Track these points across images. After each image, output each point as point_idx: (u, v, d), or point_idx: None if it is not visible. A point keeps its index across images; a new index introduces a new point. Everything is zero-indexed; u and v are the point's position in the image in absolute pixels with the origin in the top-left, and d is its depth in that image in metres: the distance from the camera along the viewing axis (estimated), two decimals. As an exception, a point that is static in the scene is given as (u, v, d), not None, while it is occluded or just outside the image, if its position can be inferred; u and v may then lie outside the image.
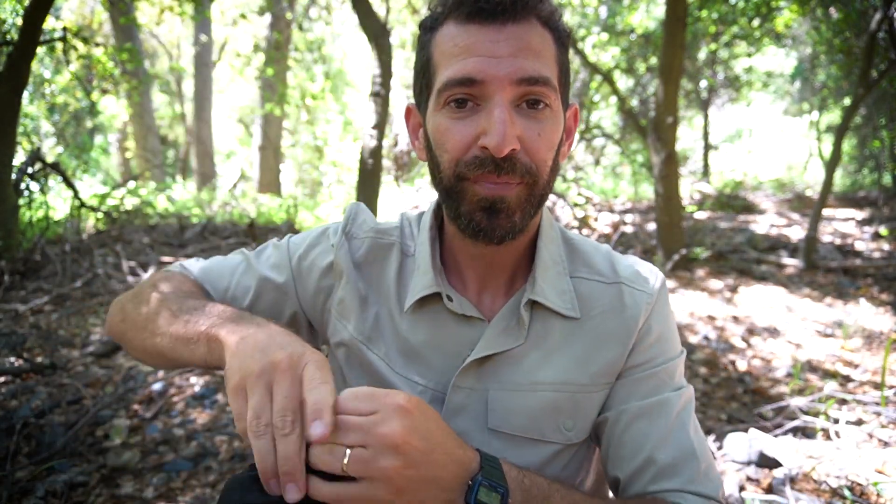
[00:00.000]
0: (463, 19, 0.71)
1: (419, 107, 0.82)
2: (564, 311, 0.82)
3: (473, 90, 0.71)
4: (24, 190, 5.27)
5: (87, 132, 15.33)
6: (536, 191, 0.75)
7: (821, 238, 6.67)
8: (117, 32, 11.11)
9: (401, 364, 0.84)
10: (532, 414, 0.80)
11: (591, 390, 0.82)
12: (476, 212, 0.74)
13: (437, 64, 0.74)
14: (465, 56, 0.70)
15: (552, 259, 0.85)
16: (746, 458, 2.34)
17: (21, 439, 2.28)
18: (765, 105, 19.44)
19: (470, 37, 0.71)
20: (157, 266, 4.95)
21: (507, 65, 0.69)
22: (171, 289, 0.87)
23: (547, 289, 0.82)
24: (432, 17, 0.77)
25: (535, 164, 0.73)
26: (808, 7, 6.67)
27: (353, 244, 0.90)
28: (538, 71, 0.71)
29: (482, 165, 0.71)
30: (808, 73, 12.30)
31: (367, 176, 4.71)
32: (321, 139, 13.91)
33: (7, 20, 5.67)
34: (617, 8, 9.57)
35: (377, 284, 0.88)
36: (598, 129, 9.53)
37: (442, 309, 0.82)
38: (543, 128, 0.73)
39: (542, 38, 0.73)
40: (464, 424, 0.80)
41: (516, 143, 0.70)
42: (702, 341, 3.88)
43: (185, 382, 2.99)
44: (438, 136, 0.75)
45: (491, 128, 0.69)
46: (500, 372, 0.81)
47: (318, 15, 11.14)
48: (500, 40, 0.70)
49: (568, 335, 0.83)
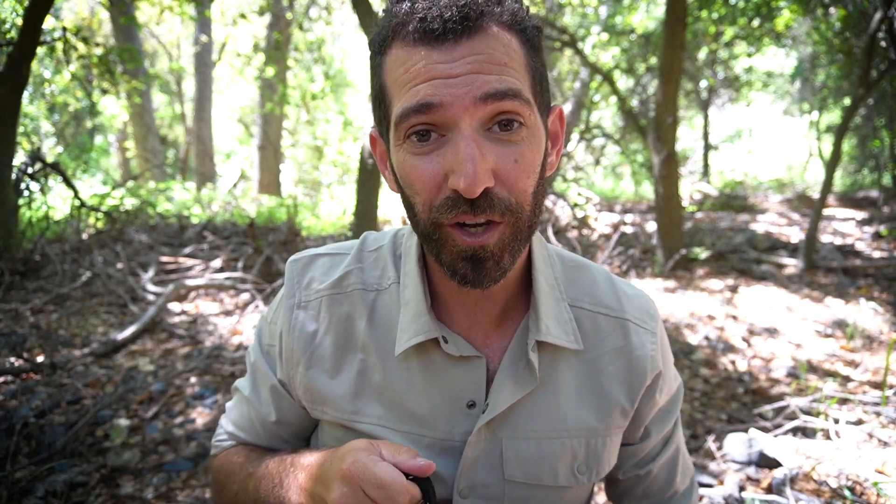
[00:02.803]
0: (411, 42, 0.62)
1: (382, 136, 0.73)
2: (568, 345, 0.78)
3: (434, 117, 0.61)
4: (24, 190, 5.27)
5: (87, 132, 15.34)
6: (521, 226, 0.66)
7: (821, 238, 6.67)
8: (117, 32, 11.11)
9: (399, 419, 0.77)
10: (547, 462, 0.78)
11: (603, 434, 0.80)
12: (458, 262, 0.66)
13: (390, 93, 0.66)
14: (419, 81, 0.61)
15: (548, 284, 0.80)
16: (746, 458, 2.34)
17: (21, 439, 2.28)
18: (765, 105, 19.43)
19: (421, 59, 0.61)
20: (156, 266, 4.95)
21: (467, 82, 0.60)
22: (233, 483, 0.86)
23: (550, 324, 0.77)
24: (379, 38, 0.67)
25: (514, 198, 0.64)
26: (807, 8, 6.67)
27: (305, 315, 0.80)
28: (505, 84, 0.61)
29: (455, 206, 0.62)
30: (808, 73, 12.29)
31: (367, 176, 4.70)
32: (321, 139, 13.90)
33: (7, 20, 5.67)
34: (617, 8, 9.57)
35: (346, 345, 0.79)
36: (598, 129, 9.53)
37: (436, 351, 0.76)
38: (521, 152, 0.64)
39: (506, 47, 0.63)
40: (482, 476, 0.77)
41: (490, 180, 0.61)
42: (702, 341, 3.88)
43: (185, 382, 2.99)
44: (405, 175, 0.66)
45: (458, 166, 0.60)
46: (513, 421, 0.77)
47: (318, 15, 11.13)
48: (457, 59, 0.60)
49: (577, 373, 0.79)
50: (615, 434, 0.82)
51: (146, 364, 3.22)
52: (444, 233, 0.66)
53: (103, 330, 3.73)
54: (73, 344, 3.45)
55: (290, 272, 0.84)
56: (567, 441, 0.78)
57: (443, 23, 0.60)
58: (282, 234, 5.93)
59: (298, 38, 10.81)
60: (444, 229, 0.66)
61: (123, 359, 3.29)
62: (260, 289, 4.44)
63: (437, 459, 0.75)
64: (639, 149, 10.20)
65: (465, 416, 0.76)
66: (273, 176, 12.39)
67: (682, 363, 3.50)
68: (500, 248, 0.65)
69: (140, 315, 3.89)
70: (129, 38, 10.46)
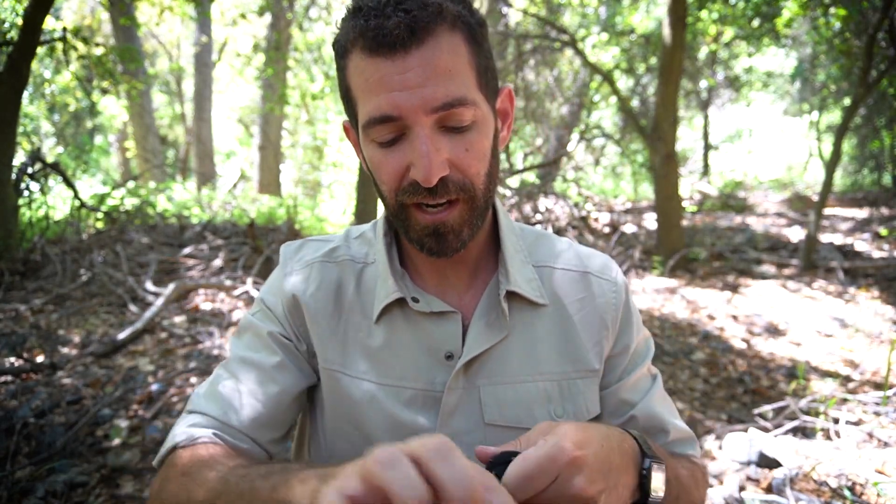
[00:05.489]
0: (367, 53, 0.70)
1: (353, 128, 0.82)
2: (535, 299, 0.85)
3: (394, 126, 0.72)
4: (24, 190, 5.27)
5: (87, 132, 15.35)
6: (477, 203, 0.77)
7: (821, 238, 6.67)
8: (117, 32, 11.11)
9: (383, 374, 0.84)
10: (524, 404, 0.83)
11: (573, 377, 0.85)
12: (424, 237, 0.77)
13: (355, 95, 0.75)
14: (378, 92, 0.70)
15: (514, 248, 0.88)
16: (746, 458, 2.34)
17: (21, 439, 2.28)
18: (765, 105, 19.44)
19: (378, 71, 0.70)
20: (156, 266, 4.95)
21: (419, 96, 0.69)
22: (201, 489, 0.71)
23: (519, 279, 0.85)
24: (339, 45, 0.75)
25: (468, 180, 0.75)
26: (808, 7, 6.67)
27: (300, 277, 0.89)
28: (451, 94, 0.70)
29: (416, 192, 0.73)
30: (808, 73, 12.30)
31: (366, 176, 4.71)
32: (321, 139, 13.90)
33: (7, 20, 5.67)
34: (617, 8, 9.57)
35: (337, 305, 0.87)
36: (598, 129, 9.54)
37: (411, 311, 0.83)
38: (471, 141, 0.74)
39: (451, 50, 0.70)
40: (462, 423, 0.81)
41: (444, 170, 0.72)
42: (702, 341, 3.88)
43: (185, 382, 2.99)
44: (374, 166, 0.77)
45: (416, 161, 0.71)
46: (487, 367, 0.83)
47: (318, 15, 11.14)
48: (409, 69, 0.69)
49: (546, 323, 0.86)
50: (589, 378, 0.86)
51: (146, 364, 3.23)
52: (408, 212, 0.77)
53: (103, 330, 3.73)
54: (73, 344, 3.46)
55: (284, 254, 0.93)
56: (541, 384, 0.84)
57: (392, 38, 0.68)
58: (282, 234, 5.94)
59: (298, 38, 10.81)
60: (409, 209, 0.76)
61: (123, 359, 3.29)
62: (260, 289, 4.44)
63: (419, 411, 0.81)
64: (639, 149, 10.20)
65: (444, 367, 0.82)
66: (273, 176, 12.40)
67: (682, 363, 3.50)
68: (460, 223, 0.76)
69: (140, 315, 3.89)
70: (129, 38, 10.47)
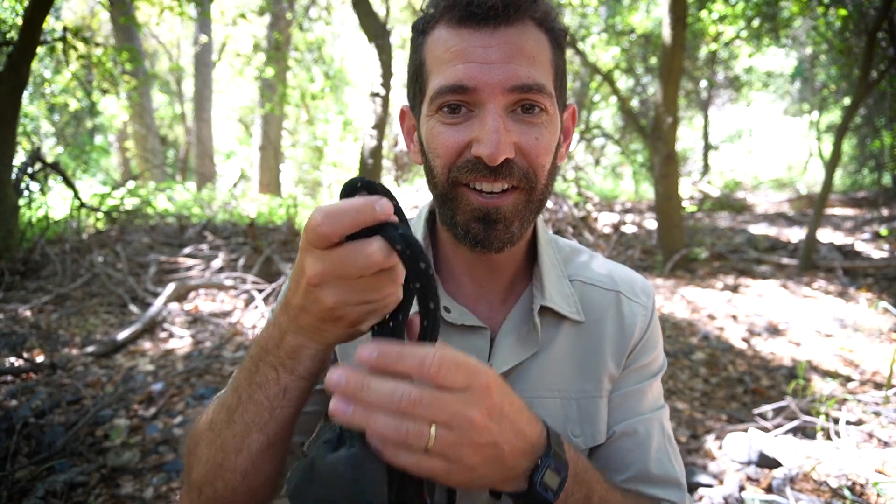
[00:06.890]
0: (454, 23, 0.69)
1: (413, 109, 0.80)
2: (571, 315, 0.82)
3: (466, 97, 0.69)
4: (24, 190, 5.27)
5: (87, 132, 15.35)
6: (534, 196, 0.74)
7: (821, 238, 6.67)
8: (117, 32, 11.12)
9: None
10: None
11: (593, 395, 0.83)
12: (472, 222, 0.73)
13: (429, 69, 0.73)
14: (457, 62, 0.68)
15: (551, 262, 0.85)
16: (746, 458, 2.34)
17: (21, 439, 2.28)
18: (765, 105, 19.44)
19: (462, 42, 0.69)
20: (156, 266, 4.95)
21: (500, 71, 0.67)
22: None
23: (554, 295, 0.82)
24: (424, 19, 0.74)
25: (532, 169, 0.72)
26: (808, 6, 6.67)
27: None
28: (532, 77, 0.69)
29: (476, 170, 0.70)
30: (808, 73, 12.30)
31: (366, 176, 4.71)
32: (321, 139, 13.90)
33: (7, 20, 5.67)
34: (617, 8, 9.57)
35: None
36: (598, 129, 9.54)
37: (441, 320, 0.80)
38: (540, 132, 0.71)
39: (536, 42, 0.70)
40: None
41: (511, 152, 0.69)
42: (702, 341, 3.88)
43: (185, 382, 2.99)
44: (431, 140, 0.73)
45: (484, 136, 0.68)
46: (511, 382, 0.80)
47: (318, 15, 11.14)
48: (493, 45, 0.68)
49: (572, 340, 0.83)
50: (605, 398, 0.84)
51: (146, 364, 3.22)
52: (460, 192, 0.73)
53: (103, 330, 3.73)
54: (73, 344, 3.46)
55: None
56: (560, 401, 0.82)
57: (485, 10, 0.67)
58: (282, 234, 5.93)
59: (298, 38, 10.81)
60: (461, 189, 0.72)
61: (123, 359, 3.29)
62: (260, 289, 4.44)
63: None
64: (639, 149, 10.21)
65: None
66: (273, 176, 12.39)
67: (682, 363, 3.50)
68: (513, 212, 0.72)
69: (140, 315, 3.89)
70: (129, 38, 10.47)
